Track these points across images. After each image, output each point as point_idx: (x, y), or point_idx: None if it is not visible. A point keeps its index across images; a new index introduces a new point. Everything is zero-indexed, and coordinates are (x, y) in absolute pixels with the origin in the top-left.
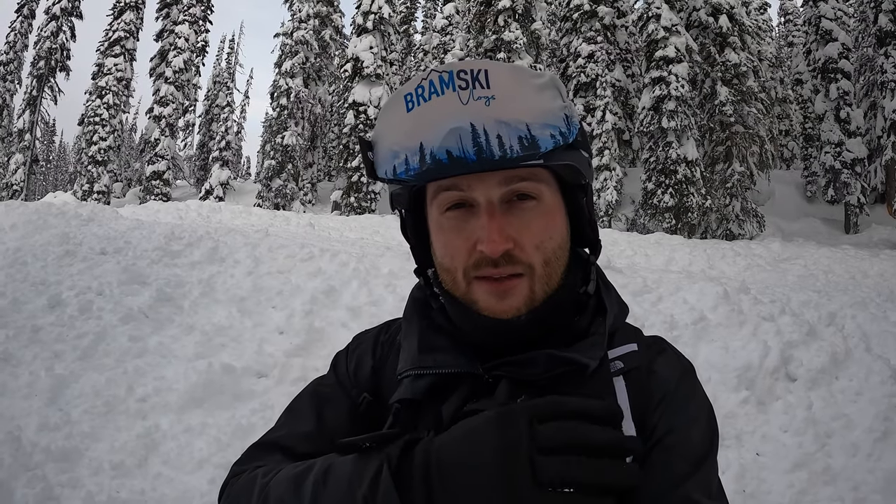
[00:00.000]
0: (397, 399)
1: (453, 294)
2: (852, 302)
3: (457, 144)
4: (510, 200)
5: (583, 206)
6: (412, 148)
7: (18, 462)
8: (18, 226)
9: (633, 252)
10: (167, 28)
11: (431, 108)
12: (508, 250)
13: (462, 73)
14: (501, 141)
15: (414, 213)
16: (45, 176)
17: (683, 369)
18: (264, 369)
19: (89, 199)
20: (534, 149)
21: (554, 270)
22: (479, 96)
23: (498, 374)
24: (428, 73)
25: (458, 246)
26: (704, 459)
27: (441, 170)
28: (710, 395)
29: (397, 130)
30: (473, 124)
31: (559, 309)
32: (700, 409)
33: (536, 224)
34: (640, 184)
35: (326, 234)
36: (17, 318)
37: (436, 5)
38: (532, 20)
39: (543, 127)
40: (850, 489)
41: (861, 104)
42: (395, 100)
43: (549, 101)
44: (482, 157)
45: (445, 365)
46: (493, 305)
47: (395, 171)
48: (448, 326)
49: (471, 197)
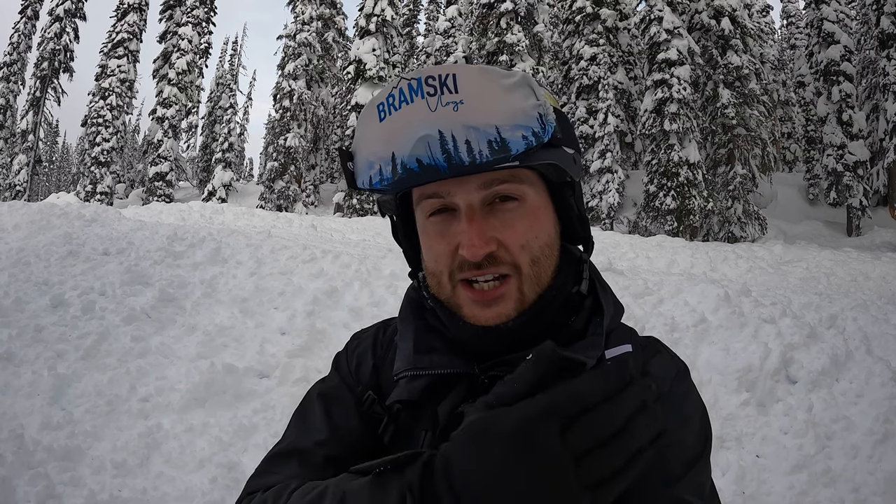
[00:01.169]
0: (394, 400)
1: (439, 298)
2: (853, 304)
3: (426, 152)
4: (492, 203)
5: (570, 203)
6: (385, 158)
7: (21, 460)
8: (22, 226)
9: (634, 254)
10: (170, 30)
11: (401, 117)
12: (491, 252)
13: (430, 80)
14: (470, 146)
15: (403, 217)
16: (48, 177)
17: (677, 370)
18: (266, 369)
19: (92, 199)
20: (504, 152)
21: (543, 269)
22: (447, 102)
23: (493, 374)
24: (398, 80)
25: (442, 250)
26: (697, 460)
27: (413, 178)
28: (711, 396)
29: (372, 140)
30: (441, 131)
31: (550, 308)
32: (694, 410)
33: (520, 224)
34: (642, 186)
35: (329, 235)
36: (20, 317)
37: (438, 8)
38: (534, 23)
39: (514, 129)
40: (851, 491)
41: (863, 107)
42: (369, 110)
43: (521, 101)
44: (452, 163)
45: (441, 365)
46: (478, 314)
47: (370, 182)
48: (442, 328)
49: (451, 202)
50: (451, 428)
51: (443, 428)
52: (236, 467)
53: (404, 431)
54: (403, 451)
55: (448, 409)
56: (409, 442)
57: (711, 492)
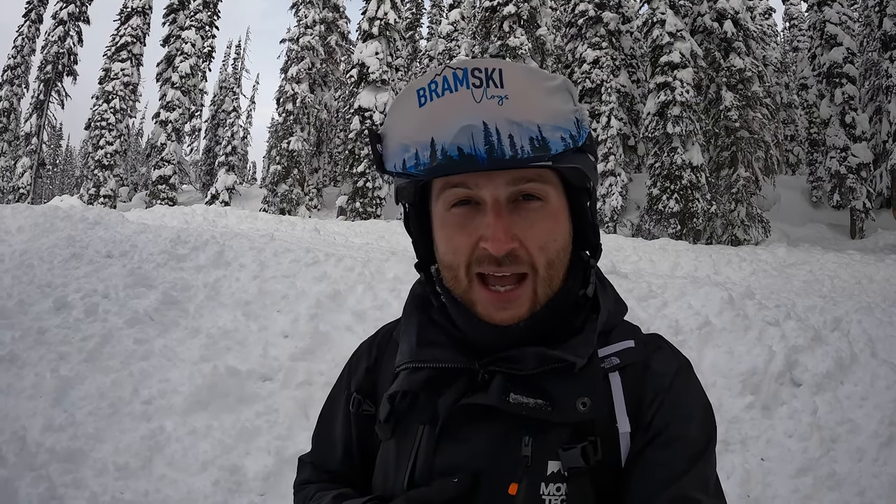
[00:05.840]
0: (394, 391)
1: (454, 292)
2: (858, 307)
3: (468, 142)
4: (516, 200)
5: (586, 209)
6: (423, 143)
7: (23, 462)
8: (25, 229)
9: (638, 257)
10: (174, 33)
11: (444, 104)
12: (513, 250)
13: (476, 71)
14: (513, 141)
15: (418, 207)
16: (51, 179)
17: (680, 365)
18: (269, 373)
19: (95, 202)
20: (544, 150)
21: (556, 272)
22: (492, 95)
23: (493, 370)
24: (442, 69)
25: (462, 242)
26: (701, 455)
27: (451, 166)
28: (715, 400)
29: (408, 124)
30: (486, 123)
31: (558, 311)
32: (696, 405)
33: (542, 225)
34: (645, 189)
35: (332, 239)
36: (23, 319)
37: (441, 11)
38: (537, 26)
39: (555, 129)
40: (856, 494)
41: (866, 109)
42: (407, 94)
43: (561, 104)
44: (493, 156)
45: (443, 360)
46: (493, 314)
47: (404, 165)
48: (446, 323)
49: (478, 195)
50: (451, 422)
51: (442, 422)
52: (239, 470)
53: (402, 424)
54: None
55: (448, 402)
56: (406, 435)
57: (716, 487)
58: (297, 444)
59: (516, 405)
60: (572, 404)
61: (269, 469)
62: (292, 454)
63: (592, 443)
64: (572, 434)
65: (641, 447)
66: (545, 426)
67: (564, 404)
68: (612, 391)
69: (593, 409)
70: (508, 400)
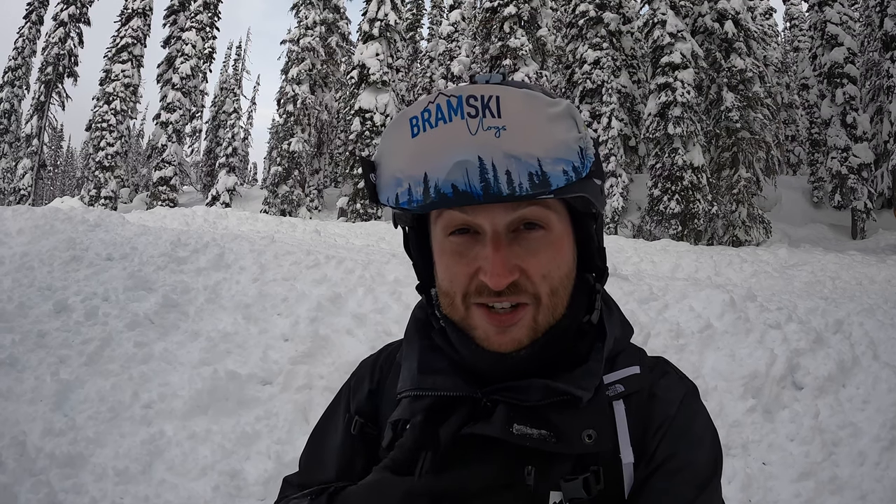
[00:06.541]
0: (395, 418)
1: (451, 318)
2: (859, 309)
3: (463, 178)
4: (517, 229)
5: (592, 234)
6: (416, 178)
7: (23, 467)
8: (25, 231)
9: (639, 259)
10: (174, 34)
11: (438, 136)
12: (514, 280)
13: (472, 99)
14: (510, 178)
15: (417, 229)
16: (52, 181)
17: (686, 391)
18: (269, 376)
19: (96, 204)
20: (544, 186)
21: (560, 300)
22: (488, 126)
23: (496, 399)
24: (436, 95)
25: (459, 271)
26: (708, 483)
27: (445, 203)
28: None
29: (401, 156)
30: (482, 158)
31: (561, 339)
32: (704, 432)
33: (544, 254)
34: (646, 190)
35: (332, 240)
36: (22, 322)
37: (442, 12)
38: (538, 27)
39: (556, 162)
40: (858, 499)
41: (867, 109)
42: (399, 122)
43: (564, 133)
44: (489, 192)
45: (444, 388)
46: (492, 337)
47: (397, 200)
48: (447, 347)
49: (476, 223)
50: (453, 450)
51: (444, 449)
52: (239, 475)
53: None
54: None
55: (450, 431)
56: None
57: None
58: (297, 449)
59: (520, 436)
60: (578, 436)
61: (269, 473)
62: (292, 458)
63: (595, 472)
64: (575, 464)
65: (646, 476)
66: (548, 456)
67: (570, 436)
68: (615, 420)
69: (599, 442)
70: (512, 431)
